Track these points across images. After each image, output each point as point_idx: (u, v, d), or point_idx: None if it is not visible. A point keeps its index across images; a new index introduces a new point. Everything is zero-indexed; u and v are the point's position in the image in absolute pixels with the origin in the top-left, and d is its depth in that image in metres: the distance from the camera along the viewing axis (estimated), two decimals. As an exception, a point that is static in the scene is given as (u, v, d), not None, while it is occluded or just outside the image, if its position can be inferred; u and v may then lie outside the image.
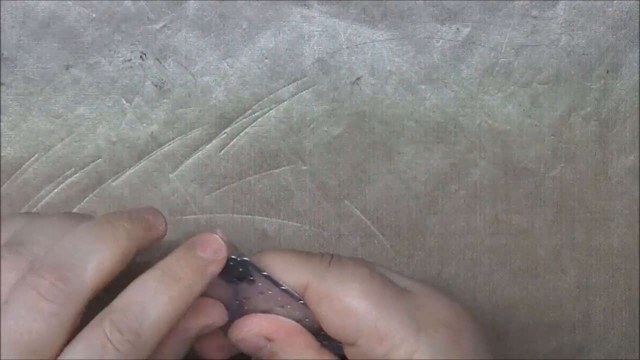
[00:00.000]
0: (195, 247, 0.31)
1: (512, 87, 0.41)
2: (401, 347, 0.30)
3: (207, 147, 0.41)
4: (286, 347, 0.32)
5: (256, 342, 0.32)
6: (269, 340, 0.32)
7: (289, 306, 0.32)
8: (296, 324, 0.32)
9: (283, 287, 0.31)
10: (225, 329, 0.33)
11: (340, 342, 0.31)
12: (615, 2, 0.41)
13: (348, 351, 0.31)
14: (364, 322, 0.30)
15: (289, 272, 0.32)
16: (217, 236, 0.31)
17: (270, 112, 0.41)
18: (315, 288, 0.31)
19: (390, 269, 0.34)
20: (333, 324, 0.31)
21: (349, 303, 0.30)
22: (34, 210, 0.40)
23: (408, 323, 0.30)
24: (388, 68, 0.41)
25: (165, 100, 0.41)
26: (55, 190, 0.40)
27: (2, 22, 0.40)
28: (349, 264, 0.32)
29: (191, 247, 0.31)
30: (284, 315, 0.32)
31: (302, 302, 0.32)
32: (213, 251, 0.31)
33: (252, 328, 0.32)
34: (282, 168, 0.41)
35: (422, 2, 0.41)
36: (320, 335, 0.32)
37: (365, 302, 0.30)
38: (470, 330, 0.31)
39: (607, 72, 0.41)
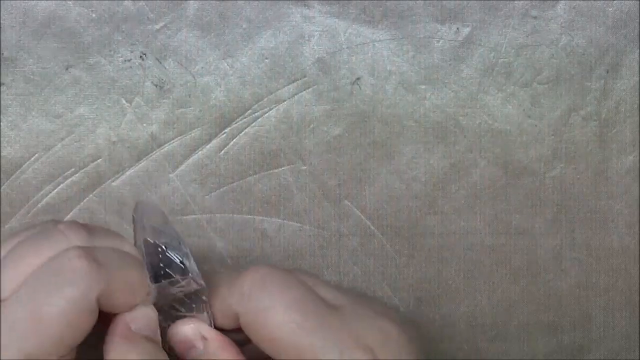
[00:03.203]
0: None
1: (512, 87, 0.41)
2: None
3: (207, 147, 0.41)
4: (220, 348, 0.32)
5: (192, 341, 0.33)
6: (204, 338, 0.32)
7: None
8: (228, 338, 0.33)
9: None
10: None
11: None
12: (615, 2, 0.41)
13: None
14: (289, 348, 0.31)
15: (222, 302, 0.33)
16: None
17: (270, 112, 0.41)
18: (242, 318, 0.32)
19: (317, 277, 0.34)
20: (262, 348, 0.32)
21: (271, 333, 0.31)
22: (34, 210, 0.40)
23: (332, 345, 0.31)
24: (388, 68, 0.41)
25: (165, 100, 0.41)
26: (55, 190, 0.40)
27: (2, 22, 0.40)
28: (271, 288, 0.32)
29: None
30: None
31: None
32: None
33: (192, 324, 0.33)
34: (282, 168, 0.41)
35: (422, 2, 0.41)
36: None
37: (288, 331, 0.31)
38: (393, 348, 0.32)
39: (607, 72, 0.41)
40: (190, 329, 0.33)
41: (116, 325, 0.31)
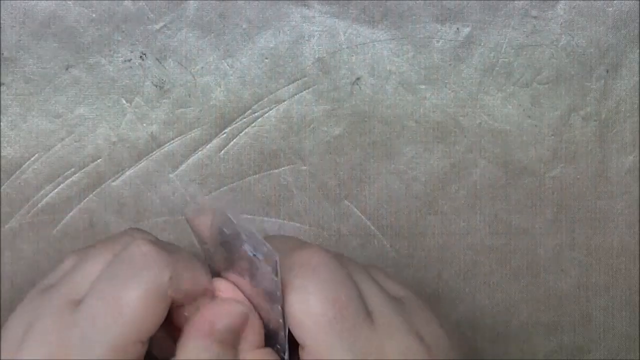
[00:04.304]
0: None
1: (512, 87, 0.41)
2: None
3: (207, 147, 0.41)
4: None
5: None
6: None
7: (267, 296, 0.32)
8: (255, 314, 0.32)
9: (276, 279, 0.32)
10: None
11: (285, 353, 0.32)
12: (615, 2, 0.41)
13: (300, 352, 0.31)
14: (310, 336, 0.31)
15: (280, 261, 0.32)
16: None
17: (270, 112, 0.41)
18: (285, 285, 0.31)
19: (372, 273, 0.34)
20: (290, 324, 0.31)
21: (303, 314, 0.31)
22: (34, 210, 0.40)
23: (349, 354, 0.30)
24: (388, 68, 0.41)
25: (165, 100, 0.41)
26: (55, 190, 0.40)
27: (2, 22, 0.40)
28: (320, 277, 0.31)
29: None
30: (255, 303, 0.33)
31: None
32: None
33: (227, 292, 0.33)
34: (282, 168, 0.41)
35: (422, 2, 0.41)
36: (274, 338, 0.33)
37: (318, 320, 0.30)
38: None
39: (607, 72, 0.41)
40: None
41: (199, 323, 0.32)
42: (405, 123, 0.41)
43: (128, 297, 0.30)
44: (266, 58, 0.41)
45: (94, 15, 0.40)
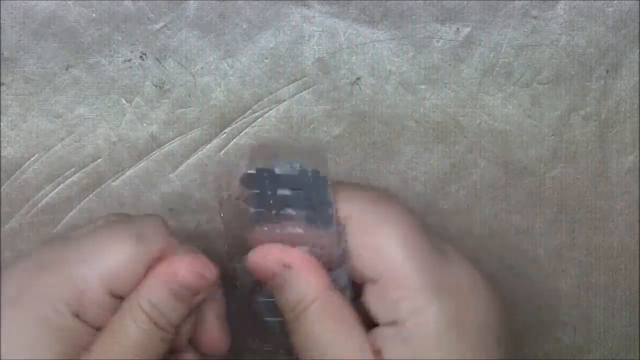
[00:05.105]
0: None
1: (512, 87, 0.41)
2: (412, 300, 0.31)
3: (207, 147, 0.41)
4: (302, 274, 0.32)
5: (272, 268, 0.32)
6: (286, 267, 0.32)
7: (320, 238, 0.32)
8: (313, 257, 0.32)
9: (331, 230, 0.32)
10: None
11: (349, 286, 0.32)
12: (615, 2, 0.41)
13: (368, 289, 0.32)
14: (389, 265, 0.31)
15: (340, 200, 0.32)
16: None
17: (270, 112, 0.41)
18: (356, 221, 0.32)
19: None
20: (362, 258, 0.32)
21: (382, 244, 0.31)
22: (34, 210, 0.40)
23: (428, 281, 0.31)
24: (388, 68, 0.41)
25: (165, 100, 0.41)
26: (55, 190, 0.40)
27: (2, 22, 0.40)
28: (396, 207, 0.32)
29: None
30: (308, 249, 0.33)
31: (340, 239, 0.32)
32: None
33: (271, 254, 0.32)
34: (282, 168, 0.41)
35: (422, 2, 0.41)
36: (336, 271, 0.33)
37: (397, 248, 0.31)
38: (483, 309, 0.32)
39: (607, 72, 0.41)
40: (270, 261, 0.32)
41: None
42: (405, 123, 0.41)
43: (118, 240, 0.31)
44: (266, 58, 0.41)
45: (94, 15, 0.40)
